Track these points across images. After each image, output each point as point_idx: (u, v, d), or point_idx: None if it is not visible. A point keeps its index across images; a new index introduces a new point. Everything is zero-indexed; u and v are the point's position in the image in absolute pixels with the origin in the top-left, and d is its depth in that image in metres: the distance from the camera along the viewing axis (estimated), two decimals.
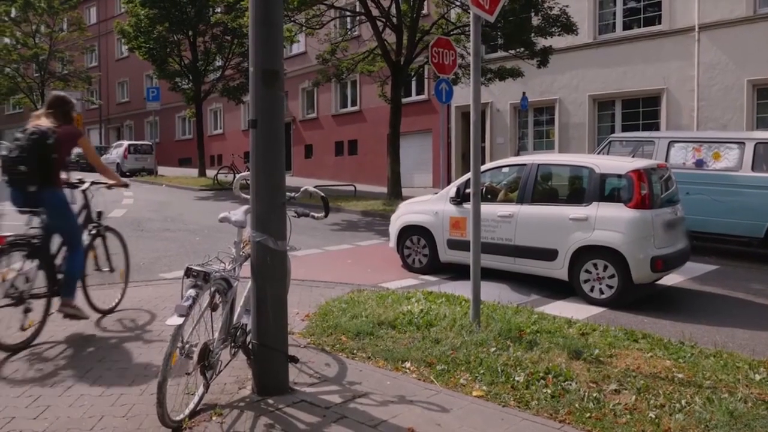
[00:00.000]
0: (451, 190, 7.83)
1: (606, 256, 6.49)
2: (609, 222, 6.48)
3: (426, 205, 8.18)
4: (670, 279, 7.72)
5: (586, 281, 6.65)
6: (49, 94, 5.03)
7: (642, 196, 6.45)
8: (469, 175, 7.63)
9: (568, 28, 15.29)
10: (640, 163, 7.00)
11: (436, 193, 8.63)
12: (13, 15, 36.20)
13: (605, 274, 6.52)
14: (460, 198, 7.59)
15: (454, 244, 7.65)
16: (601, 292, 6.54)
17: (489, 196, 7.56)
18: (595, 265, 6.58)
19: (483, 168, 7.42)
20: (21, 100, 39.15)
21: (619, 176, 6.72)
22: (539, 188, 7.25)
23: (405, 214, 8.38)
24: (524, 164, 7.50)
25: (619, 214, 6.47)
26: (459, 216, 7.56)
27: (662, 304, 6.58)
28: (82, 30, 37.42)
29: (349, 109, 25.80)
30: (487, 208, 6.94)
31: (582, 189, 7.02)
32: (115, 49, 41.09)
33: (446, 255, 7.78)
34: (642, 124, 16.98)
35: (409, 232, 8.15)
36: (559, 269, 6.78)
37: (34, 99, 37.58)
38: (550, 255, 6.82)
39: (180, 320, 3.07)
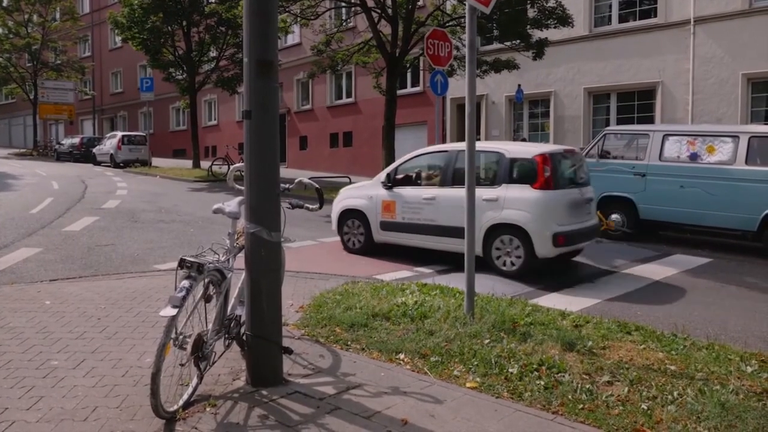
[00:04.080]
0: (382, 176, 8.50)
1: (513, 232, 7.14)
2: (516, 202, 7.15)
3: (362, 191, 8.79)
4: (664, 272, 7.77)
5: (498, 256, 7.28)
6: None
7: (546, 177, 7.07)
8: (397, 163, 8.66)
9: (564, 20, 15.26)
10: (546, 148, 7.70)
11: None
12: (5, 4, 35.91)
13: (513, 249, 7.18)
14: (390, 183, 8.26)
15: (385, 226, 8.29)
16: (512, 264, 7.19)
17: (419, 181, 8.23)
18: (503, 240, 7.24)
19: (412, 155, 8.58)
20: (13, 90, 38.91)
21: (526, 160, 7.31)
22: (459, 173, 7.59)
23: (344, 199, 8.93)
24: (446, 151, 8.21)
25: (525, 194, 7.12)
26: (389, 200, 8.21)
27: (655, 296, 6.61)
28: (75, 19, 37.16)
29: (344, 100, 25.73)
30: (414, 191, 8.01)
31: (494, 172, 7.62)
32: (108, 39, 40.79)
33: (379, 236, 8.39)
34: (637, 117, 17.00)
35: (347, 215, 8.73)
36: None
37: (26, 89, 37.36)
38: (463, 233, 6.94)
39: (173, 311, 3.06)
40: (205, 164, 23.97)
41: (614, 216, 10.43)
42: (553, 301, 6.07)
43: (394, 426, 3.16)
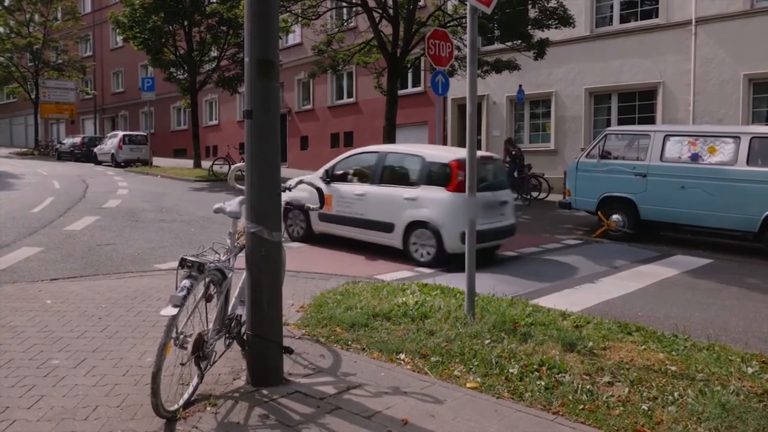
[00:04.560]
0: (321, 172, 9.12)
1: (428, 228, 7.84)
2: (431, 202, 7.85)
3: (306, 184, 8.80)
4: (664, 272, 7.76)
5: (415, 249, 8.00)
6: None
7: (458, 181, 7.59)
8: (335, 160, 9.29)
9: (565, 20, 15.25)
10: (461, 153, 7.84)
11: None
12: (6, 3, 35.93)
13: (427, 242, 7.88)
14: (328, 179, 8.92)
15: (323, 217, 9.02)
16: (427, 254, 7.89)
17: (353, 178, 8.91)
18: (418, 235, 7.96)
19: (348, 154, 9.29)
20: (15, 90, 38.93)
21: (442, 164, 7.98)
22: (385, 172, 8.54)
23: (290, 192, 9.01)
24: (377, 152, 8.95)
25: (439, 195, 7.82)
26: (327, 193, 8.59)
27: (656, 297, 6.61)
28: (77, 19, 37.20)
29: (345, 100, 25.73)
30: (347, 187, 8.76)
31: (415, 174, 8.30)
32: (109, 39, 40.81)
33: (317, 226, 9.23)
34: (638, 117, 16.99)
35: (291, 208, 9.37)
36: (395, 240, 8.18)
37: (28, 88, 37.39)
38: (389, 228, 8.20)
39: (174, 311, 3.06)
40: (206, 164, 23.99)
41: (615, 216, 10.42)
42: (554, 301, 6.07)
43: (395, 426, 3.16)
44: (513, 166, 16.49)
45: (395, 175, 8.59)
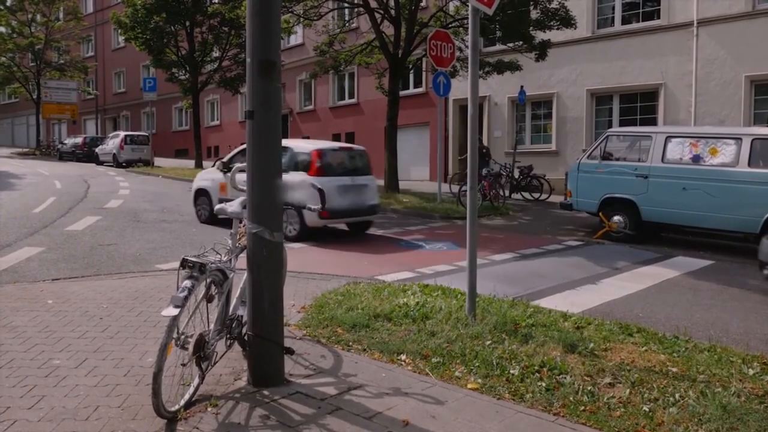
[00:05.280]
0: (218, 164, 9.95)
1: (293, 208, 9.03)
2: (298, 185, 9.12)
3: (209, 174, 11.26)
4: (666, 273, 7.75)
5: (285, 227, 8.86)
6: None
7: (317, 167, 9.29)
8: (232, 153, 10.56)
9: (567, 21, 15.25)
10: (322, 145, 10.06)
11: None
12: (8, 4, 35.98)
13: (293, 220, 9.36)
14: (225, 169, 9.69)
15: (221, 202, 9.46)
16: (294, 230, 9.40)
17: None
18: (288, 213, 9.27)
19: (240, 148, 10.07)
20: (17, 90, 38.99)
21: (306, 154, 9.58)
22: None
23: (197, 180, 11.45)
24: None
25: (302, 179, 9.23)
26: (224, 182, 10.19)
27: (657, 298, 6.60)
28: (79, 19, 37.25)
29: (347, 101, 25.74)
30: (240, 176, 9.41)
31: (285, 162, 9.11)
32: (111, 39, 40.87)
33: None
34: (639, 119, 16.98)
35: (199, 193, 11.16)
36: None
37: (29, 89, 37.44)
38: None
39: (175, 311, 3.06)
40: (207, 164, 23.98)
41: (616, 218, 10.41)
42: (555, 302, 6.06)
43: (395, 427, 3.16)
44: (481, 163, 16.54)
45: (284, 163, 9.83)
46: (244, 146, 10.39)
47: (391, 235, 10.54)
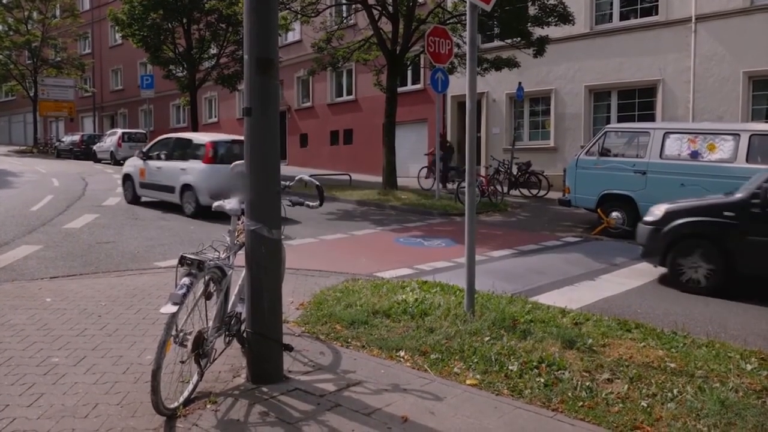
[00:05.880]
0: (138, 152, 12.81)
1: (191, 189, 11.15)
2: (193, 171, 11.17)
3: (132, 162, 13.11)
4: (664, 269, 7.75)
5: (185, 205, 11.31)
6: None
7: (209, 156, 11.07)
8: (151, 143, 12.95)
9: (565, 17, 15.23)
10: (216, 137, 11.91)
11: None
12: (5, 1, 35.83)
13: (191, 199, 11.19)
14: (144, 157, 12.46)
15: (141, 185, 12.61)
16: (191, 207, 11.11)
17: (157, 156, 12.29)
18: (188, 194, 11.23)
19: (157, 139, 12.99)
20: (13, 87, 38.88)
21: (201, 145, 11.40)
22: (173, 152, 12.17)
23: (125, 167, 13.49)
24: (170, 137, 12.79)
25: (197, 166, 11.15)
26: (143, 167, 12.46)
27: (655, 294, 6.62)
28: (75, 16, 37.09)
29: (345, 98, 25.71)
30: (153, 163, 12.23)
31: (187, 152, 11.81)
32: (108, 36, 40.75)
33: (139, 191, 12.76)
34: (638, 115, 16.99)
35: (126, 178, 13.19)
36: (176, 198, 11.58)
37: (26, 86, 37.31)
38: (172, 190, 11.62)
39: (174, 308, 3.06)
40: None
41: (615, 214, 10.43)
42: (554, 298, 6.07)
43: (394, 423, 3.17)
44: (447, 156, 18.07)
45: (178, 154, 12.08)
46: (163, 137, 12.22)
47: (390, 231, 10.55)
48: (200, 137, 11.92)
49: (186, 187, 11.27)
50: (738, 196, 6.79)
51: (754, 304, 6.25)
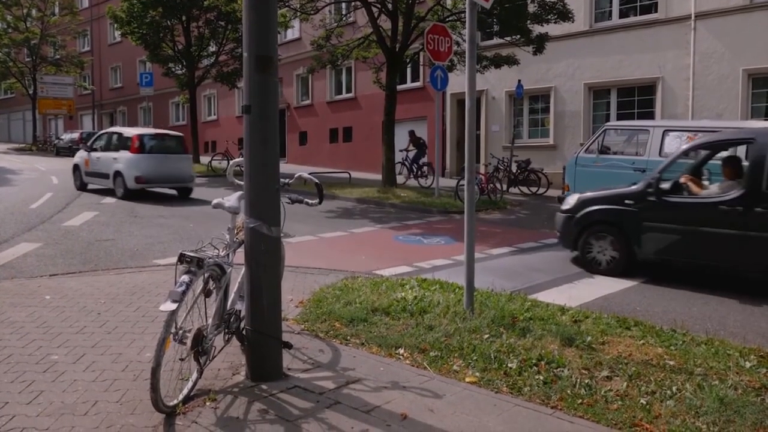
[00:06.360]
0: (83, 145, 15.50)
1: (120, 175, 13.38)
2: (122, 159, 13.43)
3: (80, 154, 15.15)
4: (662, 267, 7.75)
5: (116, 189, 13.55)
6: None
7: (135, 147, 13.36)
8: (95, 137, 15.40)
9: (564, 15, 15.22)
10: (141, 131, 14.34)
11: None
12: None
13: (120, 184, 13.41)
14: (89, 150, 14.68)
15: (86, 174, 14.75)
16: (121, 190, 13.40)
17: (98, 148, 14.52)
18: (118, 180, 13.50)
19: (99, 133, 15.77)
20: (12, 85, 38.82)
21: (128, 137, 13.70)
22: (109, 143, 14.37)
23: (75, 158, 15.51)
24: (107, 132, 15.18)
25: (125, 155, 13.45)
26: (87, 158, 14.63)
27: (654, 292, 6.62)
28: (74, 14, 37.03)
29: (344, 95, 25.68)
30: (95, 154, 14.42)
31: (118, 143, 14.02)
32: (107, 34, 40.69)
33: (85, 179, 14.88)
34: (637, 112, 16.98)
35: (75, 168, 15.24)
36: (110, 183, 13.70)
37: (25, 84, 37.26)
38: (107, 176, 13.78)
39: (173, 306, 3.06)
40: (204, 159, 23.96)
41: None
42: (553, 296, 6.07)
43: (394, 420, 3.17)
44: (419, 153, 19.09)
45: (113, 145, 14.14)
46: (103, 131, 13.91)
47: (389, 229, 10.55)
48: (129, 131, 14.17)
49: (117, 174, 13.39)
50: (637, 186, 7.38)
51: (754, 302, 6.26)
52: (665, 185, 7.19)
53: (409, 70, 22.18)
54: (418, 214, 12.50)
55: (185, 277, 3.20)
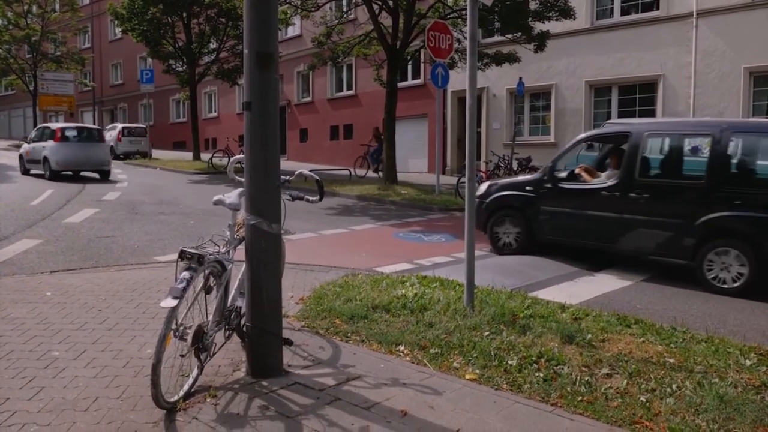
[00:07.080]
0: (25, 138, 17.56)
1: (47, 160, 16.44)
2: (48, 147, 16.68)
3: (24, 145, 18.14)
4: (663, 265, 7.76)
5: (44, 173, 16.62)
6: None
7: (56, 137, 16.68)
8: (34, 131, 19.20)
9: (566, 12, 15.20)
10: (65, 124, 17.46)
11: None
12: None
13: (47, 168, 16.49)
14: (29, 141, 17.93)
15: (27, 161, 17.83)
16: (48, 173, 16.53)
17: (37, 138, 17.51)
18: (45, 166, 16.66)
19: (39, 127, 19.09)
20: (13, 82, 38.76)
21: (53, 129, 16.89)
22: (42, 135, 17.33)
23: (21, 149, 18.46)
24: (43, 126, 17.96)
25: (50, 144, 16.49)
26: (28, 149, 17.85)
27: (654, 290, 6.62)
28: (75, 10, 36.93)
29: (345, 93, 25.66)
30: (32, 144, 17.53)
31: (47, 135, 16.85)
32: (108, 31, 40.64)
33: (27, 166, 17.92)
34: (638, 110, 16.97)
35: (20, 158, 18.41)
36: (41, 167, 16.75)
37: (26, 80, 37.22)
38: (39, 162, 16.98)
39: (174, 302, 3.06)
40: (205, 156, 23.94)
41: None
42: (553, 293, 6.08)
43: (394, 417, 3.18)
44: (380, 148, 19.21)
45: (43, 136, 17.19)
46: (39, 126, 15.85)
47: (390, 226, 10.55)
48: (55, 125, 17.89)
49: (45, 159, 16.51)
50: (536, 174, 8.22)
51: (754, 301, 6.26)
52: (562, 174, 8.01)
53: (409, 68, 22.15)
54: (418, 212, 12.51)
55: (186, 274, 3.20)
